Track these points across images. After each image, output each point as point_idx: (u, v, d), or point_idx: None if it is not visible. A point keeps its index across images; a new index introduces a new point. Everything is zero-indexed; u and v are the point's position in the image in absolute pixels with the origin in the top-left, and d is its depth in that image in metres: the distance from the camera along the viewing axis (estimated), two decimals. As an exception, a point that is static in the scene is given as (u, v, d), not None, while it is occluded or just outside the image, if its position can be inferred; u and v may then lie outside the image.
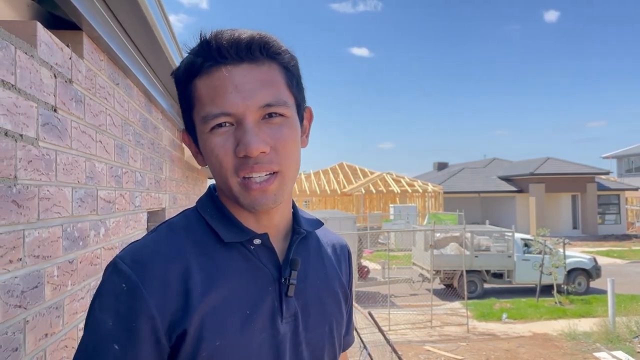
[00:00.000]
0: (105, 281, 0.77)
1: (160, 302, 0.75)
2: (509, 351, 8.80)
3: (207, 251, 0.83)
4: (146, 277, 0.75)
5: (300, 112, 0.89)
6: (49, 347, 1.32)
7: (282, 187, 0.83)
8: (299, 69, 0.89)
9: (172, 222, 0.88)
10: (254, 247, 0.86)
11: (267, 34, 0.83)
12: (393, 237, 18.13)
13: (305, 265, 0.92)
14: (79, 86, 1.56)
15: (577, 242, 24.34)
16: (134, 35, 1.98)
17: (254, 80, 0.80)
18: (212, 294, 0.79)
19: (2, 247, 1.07)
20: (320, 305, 0.92)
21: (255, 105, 0.79)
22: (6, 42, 1.09)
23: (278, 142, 0.81)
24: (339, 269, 1.01)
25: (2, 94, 1.07)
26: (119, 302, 0.74)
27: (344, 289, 1.00)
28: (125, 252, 0.80)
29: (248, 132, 0.78)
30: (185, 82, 0.84)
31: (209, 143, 0.81)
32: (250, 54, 0.80)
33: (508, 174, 31.00)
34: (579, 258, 13.93)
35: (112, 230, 1.94)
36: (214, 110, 0.79)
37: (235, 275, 0.82)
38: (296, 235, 0.92)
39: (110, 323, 0.73)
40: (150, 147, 2.73)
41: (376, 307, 11.33)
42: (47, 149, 1.31)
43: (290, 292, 0.85)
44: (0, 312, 1.05)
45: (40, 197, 1.26)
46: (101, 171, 1.79)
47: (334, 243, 1.05)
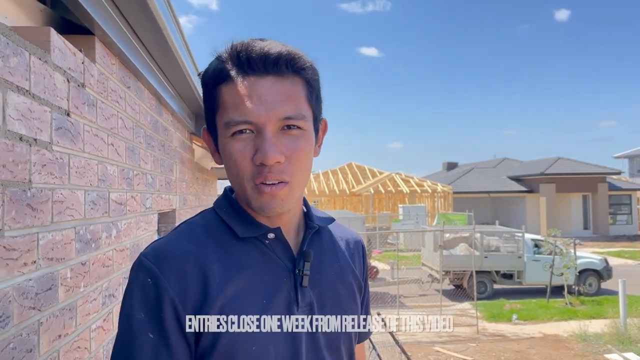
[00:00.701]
0: (132, 278, 0.84)
1: (181, 292, 0.81)
2: (519, 352, 8.75)
3: (224, 246, 0.89)
4: (167, 270, 0.82)
5: (316, 125, 0.95)
6: (63, 348, 1.34)
7: (290, 195, 0.88)
8: (319, 83, 0.95)
9: (191, 221, 0.95)
10: (269, 242, 0.91)
11: (294, 49, 0.88)
12: (402, 237, 18.09)
13: (320, 257, 0.97)
14: (91, 90, 1.58)
15: (588, 243, 24.12)
16: (145, 39, 2.00)
17: (277, 93, 0.85)
18: (230, 284, 0.85)
19: (17, 250, 1.09)
20: (335, 296, 0.97)
21: (275, 117, 0.84)
22: (21, 49, 1.11)
23: (293, 154, 0.86)
24: (352, 262, 1.05)
25: (17, 100, 1.09)
26: (146, 295, 0.81)
27: (358, 280, 1.05)
28: (148, 250, 0.86)
29: (266, 141, 0.83)
30: (212, 85, 0.89)
31: (229, 147, 0.87)
32: (277, 68, 0.85)
33: (518, 174, 30.81)
34: (590, 259, 13.81)
35: (123, 231, 1.96)
36: (236, 117, 0.85)
37: (251, 267, 0.88)
38: (309, 230, 0.97)
39: (142, 315, 0.80)
40: (161, 149, 2.75)
41: (385, 307, 11.31)
42: (60, 153, 1.33)
43: (305, 283, 0.91)
44: (15, 314, 1.07)
45: (53, 200, 1.28)
46: (113, 173, 1.82)
47: (348, 238, 1.10)
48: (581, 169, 28.72)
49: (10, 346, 1.05)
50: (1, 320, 1.01)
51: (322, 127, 1.01)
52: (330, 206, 29.19)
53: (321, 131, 1.00)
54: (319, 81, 0.94)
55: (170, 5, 1.99)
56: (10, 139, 1.06)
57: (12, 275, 1.06)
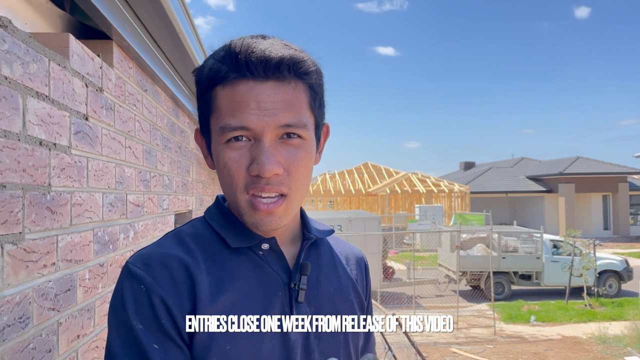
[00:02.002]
0: (123, 287, 0.78)
1: (174, 299, 0.76)
2: (537, 354, 8.66)
3: (215, 257, 0.83)
4: (160, 277, 0.77)
5: (318, 133, 0.89)
6: (81, 349, 1.36)
7: (288, 211, 0.83)
8: (323, 88, 0.89)
9: (179, 230, 0.88)
10: (263, 252, 0.85)
11: (298, 53, 0.82)
12: (418, 237, 18.02)
13: (317, 271, 0.91)
14: (109, 94, 1.61)
15: (608, 244, 23.78)
16: (161, 43, 2.03)
17: (278, 100, 0.79)
18: (221, 298, 0.79)
19: (37, 252, 1.11)
20: (334, 313, 0.89)
21: (275, 124, 0.78)
22: (40, 55, 1.14)
23: (292, 165, 0.81)
24: (354, 279, 0.99)
25: (37, 105, 1.11)
26: (141, 304, 0.75)
27: (360, 298, 0.98)
28: (134, 258, 0.80)
29: (264, 152, 0.78)
30: (207, 86, 0.83)
31: (223, 155, 0.81)
32: (278, 73, 0.79)
33: (537, 174, 30.48)
34: (610, 260, 13.62)
35: (140, 233, 1.99)
36: (232, 123, 0.78)
37: (244, 280, 0.82)
38: (306, 241, 0.91)
39: (141, 326, 0.74)
40: (178, 151, 2.78)
41: (401, 308, 11.29)
42: (79, 157, 1.36)
43: (301, 298, 0.85)
44: (35, 315, 1.10)
45: (72, 203, 1.31)
46: (130, 176, 1.84)
47: (348, 253, 1.03)
48: (601, 168, 28.32)
49: (30, 346, 1.07)
50: (21, 321, 1.03)
51: (324, 133, 0.94)
52: (346, 206, 29.18)
53: (322, 137, 0.94)
54: (323, 86, 0.88)
55: (186, 8, 2.01)
56: (30, 144, 1.08)
57: (32, 277, 1.08)
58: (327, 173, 29.65)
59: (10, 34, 1.01)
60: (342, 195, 28.29)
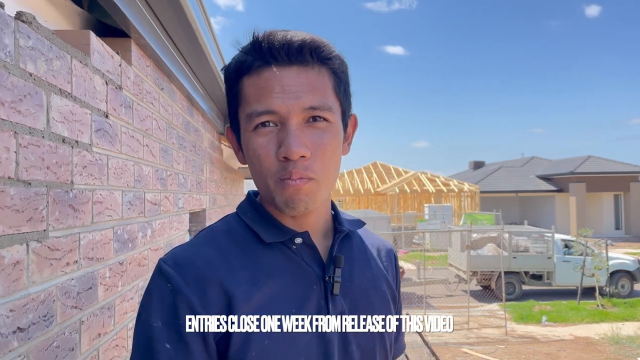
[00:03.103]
0: (151, 284, 0.79)
1: (203, 300, 0.76)
2: (549, 355, 8.59)
3: (249, 253, 0.83)
4: (188, 276, 0.77)
5: (345, 120, 0.89)
6: (102, 347, 1.36)
7: (316, 192, 0.82)
8: (348, 76, 0.89)
9: (213, 227, 0.89)
10: (296, 247, 0.86)
11: (319, 38, 0.83)
12: (428, 237, 17.94)
13: (350, 264, 0.91)
14: (128, 92, 1.60)
15: (620, 243, 23.54)
16: (178, 41, 2.02)
17: (302, 83, 0.80)
18: (257, 294, 0.79)
19: (60, 250, 1.11)
20: (369, 304, 0.91)
21: (300, 107, 0.79)
22: (63, 52, 1.13)
23: (319, 148, 0.81)
24: (385, 270, 1.00)
25: (60, 102, 1.11)
26: (165, 302, 0.76)
27: (392, 290, 0.98)
28: (168, 256, 0.82)
29: (290, 134, 0.78)
30: (234, 79, 0.85)
31: (251, 142, 0.82)
32: (301, 57, 0.81)
33: (547, 173, 30.27)
34: (623, 259, 13.49)
35: (157, 231, 1.99)
36: (258, 108, 0.80)
37: (279, 275, 0.83)
38: (338, 234, 0.91)
39: (159, 323, 0.75)
40: (192, 150, 2.78)
41: (412, 307, 11.24)
42: (99, 154, 1.35)
43: (336, 290, 0.85)
44: (59, 313, 1.09)
45: (94, 201, 1.31)
46: (148, 174, 1.84)
47: (379, 245, 1.04)
48: (612, 167, 28.07)
49: (54, 345, 1.07)
50: (46, 319, 1.03)
51: (352, 123, 0.94)
52: (355, 206, 29.14)
53: (350, 127, 0.94)
54: (347, 73, 0.88)
55: (203, 7, 2.00)
56: (54, 141, 1.08)
57: (55, 275, 1.08)
58: (336, 173, 29.59)
59: (34, 30, 1.00)
60: (351, 195, 28.25)
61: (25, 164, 0.95)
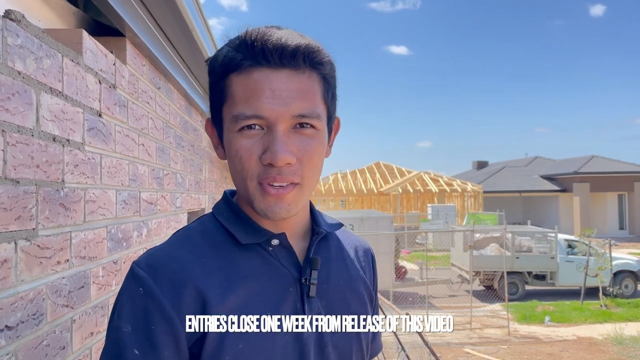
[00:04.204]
0: (123, 287, 0.77)
1: (177, 303, 0.74)
2: (552, 355, 8.57)
3: (224, 254, 0.82)
4: (161, 279, 0.75)
5: (330, 124, 0.88)
6: (95, 346, 1.35)
7: (298, 199, 0.81)
8: (336, 80, 0.88)
9: (188, 227, 0.88)
10: (273, 248, 0.85)
11: (314, 42, 0.82)
12: (431, 237, 17.91)
13: (327, 265, 0.90)
14: (123, 91, 1.60)
15: (624, 244, 23.44)
16: (174, 40, 2.02)
17: (292, 89, 0.78)
18: (232, 296, 0.78)
19: (51, 248, 1.11)
20: (345, 306, 0.90)
21: (289, 114, 0.78)
22: (54, 51, 1.13)
23: (305, 155, 0.80)
24: (362, 271, 0.98)
25: (50, 101, 1.11)
26: (136, 306, 0.74)
27: (369, 290, 0.98)
28: (141, 258, 0.80)
29: (277, 140, 0.77)
30: (221, 74, 0.82)
31: (235, 143, 0.80)
32: (294, 61, 0.78)
33: (551, 173, 30.18)
34: (626, 260, 13.44)
35: (154, 230, 1.99)
36: (246, 111, 0.78)
37: (254, 277, 0.81)
38: (315, 235, 0.90)
39: (129, 328, 0.73)
40: (190, 149, 2.78)
41: (414, 308, 11.22)
42: (92, 153, 1.35)
43: (312, 293, 0.84)
44: (49, 312, 1.09)
45: (86, 199, 1.30)
46: (143, 173, 1.84)
47: (357, 245, 1.03)
48: (616, 167, 27.96)
49: (44, 343, 1.06)
50: (35, 318, 1.03)
51: (335, 126, 0.93)
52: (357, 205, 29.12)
53: (334, 131, 0.93)
54: (335, 78, 0.87)
55: (199, 6, 2.00)
56: (44, 140, 1.07)
57: (45, 273, 1.08)
58: (338, 172, 29.63)
59: (23, 28, 1.00)
60: (354, 195, 28.24)
61: (14, 162, 0.95)
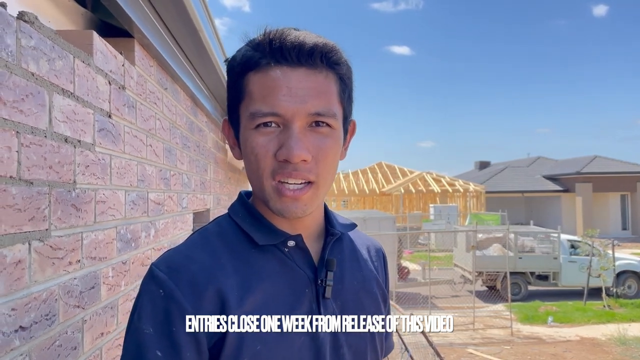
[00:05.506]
0: (142, 289, 0.78)
1: (197, 305, 0.75)
2: (555, 356, 8.55)
3: (241, 255, 0.83)
4: (181, 281, 0.76)
5: (345, 125, 0.89)
6: (105, 346, 1.36)
7: (314, 198, 0.82)
8: (352, 82, 0.89)
9: (205, 229, 0.89)
10: (289, 250, 0.85)
11: (331, 42, 0.83)
12: (433, 237, 17.89)
13: (341, 266, 0.91)
14: (131, 92, 1.61)
15: (627, 244, 23.38)
16: (182, 42, 2.03)
17: (309, 87, 0.79)
18: (250, 297, 0.79)
19: (63, 249, 1.11)
20: (360, 306, 0.91)
21: (305, 112, 0.79)
22: (65, 52, 1.14)
23: (320, 153, 0.81)
24: (375, 271, 0.99)
25: (62, 102, 1.11)
26: (156, 308, 0.75)
27: (382, 290, 0.98)
28: (160, 260, 0.80)
29: (293, 137, 0.78)
30: (239, 73, 0.83)
31: (251, 140, 0.81)
32: (311, 60, 0.79)
33: (553, 173, 30.13)
34: (629, 260, 13.41)
35: (161, 231, 1.99)
36: (263, 108, 0.79)
37: (271, 278, 0.82)
38: (330, 237, 0.91)
39: (150, 330, 0.74)
40: (196, 150, 2.79)
41: (417, 308, 11.22)
42: (102, 154, 1.35)
43: (328, 294, 0.85)
44: (61, 312, 1.10)
45: (96, 200, 1.31)
46: (151, 174, 1.84)
47: (368, 245, 1.04)
48: (619, 167, 27.90)
49: (57, 344, 1.07)
50: (48, 319, 1.03)
51: (351, 129, 0.94)
52: (360, 206, 29.12)
53: (349, 133, 0.94)
54: (352, 79, 0.88)
55: (207, 8, 2.01)
56: (56, 141, 1.08)
57: (58, 274, 1.08)
58: (340, 173, 29.62)
59: (37, 30, 1.00)
60: (356, 195, 28.23)
61: (27, 164, 0.96)
